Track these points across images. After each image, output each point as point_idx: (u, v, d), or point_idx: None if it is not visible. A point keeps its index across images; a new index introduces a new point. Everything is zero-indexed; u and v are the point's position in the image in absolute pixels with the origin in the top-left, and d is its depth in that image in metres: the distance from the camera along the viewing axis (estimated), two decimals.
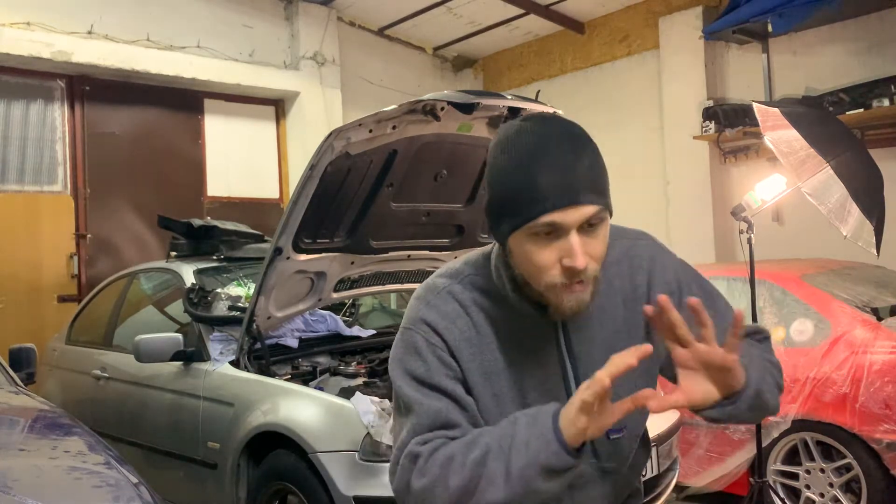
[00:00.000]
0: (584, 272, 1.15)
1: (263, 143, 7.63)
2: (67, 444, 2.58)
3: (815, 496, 3.77)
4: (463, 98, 3.15)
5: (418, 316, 1.28)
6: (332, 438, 2.95)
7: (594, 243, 1.16)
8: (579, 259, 1.13)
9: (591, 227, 1.15)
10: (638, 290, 1.32)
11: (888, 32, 5.86)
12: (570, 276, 1.15)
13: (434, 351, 1.25)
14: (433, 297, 1.29)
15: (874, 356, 3.56)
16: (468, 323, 1.27)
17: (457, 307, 1.27)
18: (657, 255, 1.36)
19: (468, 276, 1.30)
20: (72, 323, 5.13)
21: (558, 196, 1.12)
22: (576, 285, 1.16)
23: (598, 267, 1.18)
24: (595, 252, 1.17)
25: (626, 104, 7.49)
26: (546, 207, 1.13)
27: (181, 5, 6.79)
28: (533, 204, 1.13)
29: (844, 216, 3.51)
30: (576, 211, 1.13)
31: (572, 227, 1.13)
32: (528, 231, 1.15)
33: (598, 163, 1.18)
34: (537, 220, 1.13)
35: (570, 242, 1.13)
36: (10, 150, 6.16)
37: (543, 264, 1.16)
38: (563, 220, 1.13)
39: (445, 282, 1.31)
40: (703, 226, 6.72)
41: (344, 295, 3.98)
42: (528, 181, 1.14)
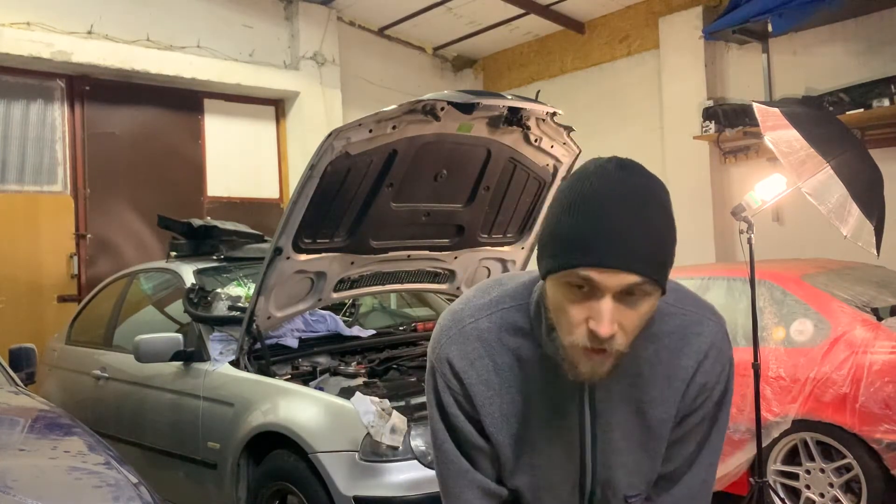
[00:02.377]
0: (609, 342, 1.07)
1: (263, 143, 7.63)
2: (67, 444, 2.58)
3: (815, 496, 3.76)
4: (463, 98, 3.15)
5: (441, 351, 1.26)
6: (332, 438, 2.95)
7: (630, 314, 1.07)
8: (605, 326, 1.05)
9: (630, 296, 1.06)
10: (682, 371, 1.23)
11: (888, 32, 5.85)
12: (592, 341, 1.07)
13: (453, 395, 1.25)
14: (457, 331, 1.25)
15: (874, 356, 3.56)
16: (488, 366, 1.23)
17: (478, 347, 1.23)
18: (716, 345, 1.25)
19: (500, 311, 1.25)
20: (72, 323, 5.13)
21: (603, 254, 1.03)
22: (596, 353, 1.09)
23: (626, 341, 1.09)
24: (628, 324, 1.08)
25: (626, 104, 7.49)
26: (587, 261, 1.04)
27: (181, 5, 6.79)
28: (575, 253, 1.05)
29: (844, 216, 3.51)
30: (616, 276, 1.04)
31: (609, 291, 1.05)
32: (563, 278, 1.08)
33: (663, 233, 1.08)
34: (575, 269, 1.05)
35: (601, 305, 1.05)
36: (10, 150, 6.16)
37: (571, 319, 1.09)
38: (600, 281, 1.04)
39: (473, 315, 1.25)
40: (703, 226, 6.72)
41: (344, 295, 3.97)
42: (579, 228, 1.05)
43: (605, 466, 1.25)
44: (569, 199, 1.08)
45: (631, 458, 1.25)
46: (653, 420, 1.23)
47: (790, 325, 3.88)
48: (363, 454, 2.86)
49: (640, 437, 1.24)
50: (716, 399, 1.26)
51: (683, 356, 1.23)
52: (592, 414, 1.23)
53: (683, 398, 1.24)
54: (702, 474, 1.29)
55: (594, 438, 1.23)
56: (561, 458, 1.25)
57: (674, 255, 1.11)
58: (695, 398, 1.25)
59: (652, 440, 1.25)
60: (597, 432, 1.23)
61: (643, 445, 1.25)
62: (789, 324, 3.89)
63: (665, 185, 1.13)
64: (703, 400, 1.25)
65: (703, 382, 1.24)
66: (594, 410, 1.23)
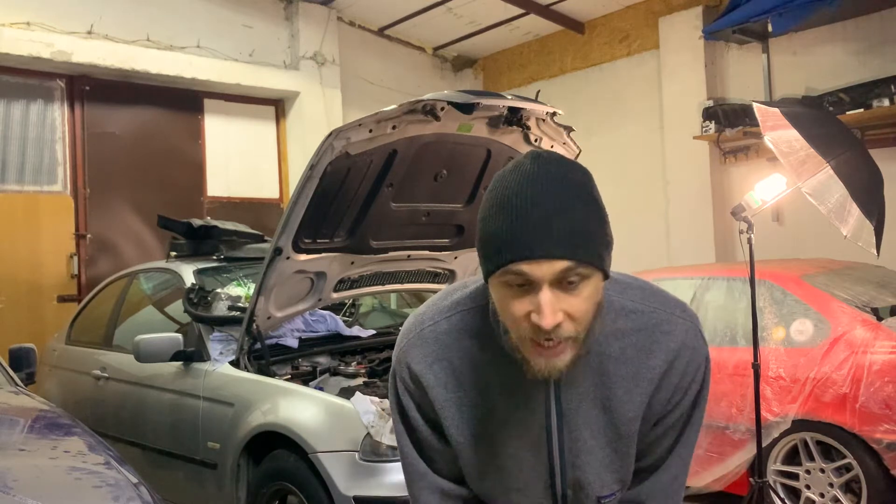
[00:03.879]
0: (556, 332, 1.06)
1: (263, 143, 7.63)
2: (67, 444, 2.58)
3: (815, 496, 3.76)
4: (463, 98, 3.15)
5: (401, 355, 1.28)
6: (332, 438, 2.95)
7: (573, 301, 1.07)
8: (546, 317, 1.04)
9: (568, 283, 1.06)
10: (650, 370, 1.21)
11: (888, 32, 5.86)
12: (539, 334, 1.07)
13: (412, 398, 1.28)
14: (416, 334, 1.26)
15: (874, 356, 3.56)
16: (447, 368, 1.24)
17: (437, 350, 1.24)
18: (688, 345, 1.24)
19: (459, 313, 1.25)
20: (72, 323, 5.13)
21: (528, 247, 1.04)
22: (546, 347, 1.08)
23: (576, 329, 1.08)
24: (575, 311, 1.07)
25: (626, 104, 7.49)
26: (515, 257, 1.05)
27: (181, 5, 6.79)
28: (504, 251, 1.06)
29: (844, 216, 3.51)
30: (545, 265, 1.04)
31: (543, 282, 1.05)
32: (500, 278, 1.09)
33: (592, 217, 1.08)
34: (507, 267, 1.06)
35: (539, 297, 1.05)
36: (10, 150, 6.16)
37: (515, 316, 1.09)
38: (532, 273, 1.05)
39: (433, 318, 1.26)
40: (703, 226, 6.72)
41: (344, 295, 3.97)
42: (503, 227, 1.07)
43: (574, 466, 1.24)
44: (491, 202, 1.10)
45: (599, 456, 1.24)
46: (620, 418, 1.23)
47: (790, 325, 3.88)
48: (363, 454, 2.86)
49: (608, 436, 1.24)
50: (692, 398, 1.25)
51: (652, 355, 1.21)
52: (559, 413, 1.21)
53: (655, 398, 1.23)
54: (673, 470, 1.29)
55: (561, 438, 1.22)
56: (529, 459, 1.25)
57: (606, 235, 1.10)
58: (668, 399, 1.23)
59: (620, 439, 1.24)
60: (563, 431, 1.22)
61: (611, 444, 1.24)
62: (789, 324, 3.89)
63: (585, 169, 1.13)
64: (678, 400, 1.24)
65: (676, 383, 1.23)
66: (560, 409, 1.21)
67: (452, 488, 1.31)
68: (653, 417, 1.25)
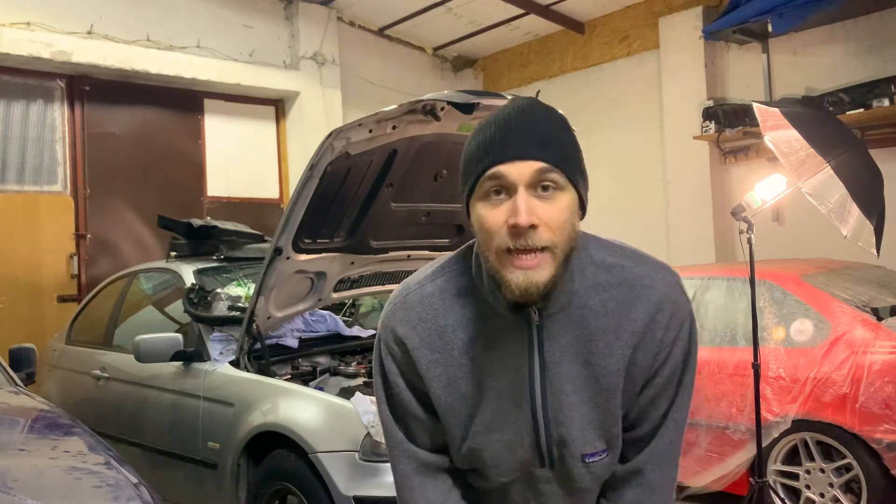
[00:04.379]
0: (531, 235, 1.11)
1: (263, 143, 7.63)
2: (67, 444, 2.58)
3: (815, 496, 3.76)
4: (463, 98, 3.15)
5: (387, 319, 1.30)
6: (332, 438, 2.95)
7: (548, 208, 1.13)
8: (522, 215, 1.10)
9: (544, 190, 1.13)
10: (631, 323, 1.23)
11: (888, 32, 5.86)
12: (516, 239, 1.11)
13: (396, 363, 1.29)
14: (401, 300, 1.30)
15: (874, 356, 3.56)
16: (431, 329, 1.26)
17: (421, 311, 1.27)
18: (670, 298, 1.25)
19: (444, 275, 1.29)
20: (72, 323, 5.13)
21: (504, 149, 1.13)
22: (523, 257, 1.12)
23: (552, 238, 1.12)
24: (549, 218, 1.12)
25: (626, 104, 7.49)
26: (492, 161, 1.13)
27: (181, 5, 6.79)
28: (483, 160, 1.15)
29: (844, 216, 3.51)
30: (521, 164, 1.12)
31: (519, 183, 1.12)
32: (480, 193, 1.16)
33: (561, 134, 1.17)
34: (486, 173, 1.14)
35: (516, 199, 1.11)
36: (9, 150, 6.15)
37: (493, 226, 1.14)
38: (508, 173, 1.12)
39: (416, 284, 1.30)
40: (703, 226, 6.72)
41: (344, 295, 3.98)
42: (482, 142, 1.16)
43: (558, 422, 1.24)
44: (476, 128, 1.21)
45: (582, 411, 1.24)
46: (601, 372, 1.23)
47: (790, 325, 3.88)
48: (363, 454, 2.86)
49: (590, 391, 1.24)
50: (679, 357, 1.26)
51: (633, 308, 1.23)
52: (541, 366, 1.23)
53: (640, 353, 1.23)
54: (668, 436, 1.29)
55: (544, 391, 1.23)
56: (513, 414, 1.25)
57: (579, 160, 1.19)
58: (655, 355, 1.24)
59: (601, 393, 1.24)
60: (546, 385, 1.23)
61: (593, 399, 1.24)
62: (789, 324, 3.89)
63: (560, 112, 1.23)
64: (664, 357, 1.25)
65: (661, 337, 1.24)
66: (543, 362, 1.23)
67: (430, 458, 1.32)
68: (640, 377, 1.25)
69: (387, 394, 1.31)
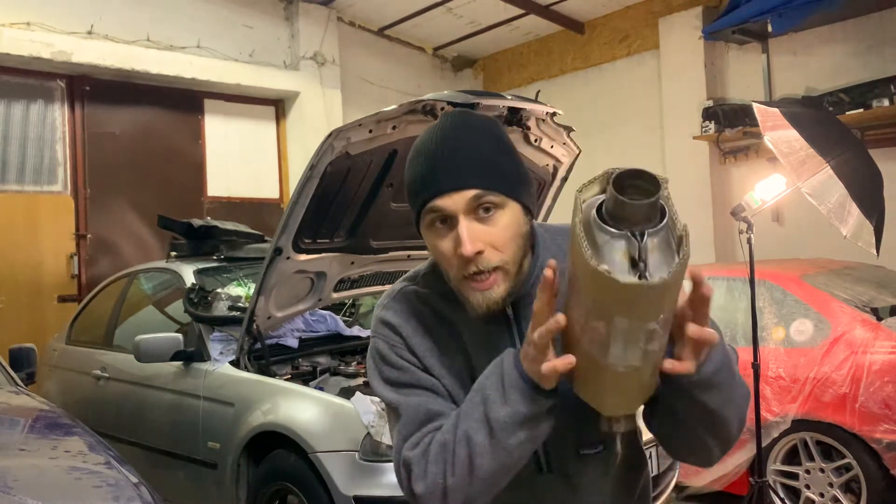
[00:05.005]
0: (480, 261, 1.13)
1: (263, 143, 7.63)
2: (67, 444, 2.59)
3: (815, 496, 3.77)
4: (463, 98, 3.15)
5: (379, 320, 1.30)
6: (332, 438, 2.96)
7: (492, 231, 1.14)
8: (465, 246, 1.11)
9: (485, 213, 1.14)
10: None
11: (888, 32, 5.86)
12: (465, 267, 1.14)
13: (396, 351, 1.26)
14: (389, 300, 1.31)
15: (874, 356, 3.56)
16: (420, 321, 1.27)
17: (408, 306, 1.28)
18: None
19: (424, 276, 1.31)
20: (72, 323, 5.13)
21: (436, 183, 1.14)
22: (477, 280, 1.14)
23: (502, 257, 1.14)
24: (494, 240, 1.14)
25: (626, 104, 7.49)
26: (429, 194, 1.14)
27: (181, 5, 6.79)
28: (421, 193, 1.16)
29: (844, 216, 3.52)
30: (456, 196, 1.13)
31: (458, 213, 1.13)
32: (425, 223, 1.18)
33: (497, 151, 1.17)
34: (424, 207, 1.16)
35: (458, 229, 1.13)
36: (10, 150, 6.15)
37: (445, 255, 1.16)
38: (445, 206, 1.13)
39: (402, 284, 1.32)
40: (703, 226, 6.72)
41: (344, 295, 3.98)
42: (417, 173, 1.17)
43: None
44: (409, 158, 1.21)
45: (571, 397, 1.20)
46: None
47: (790, 325, 3.89)
48: (363, 454, 2.86)
49: None
50: None
51: None
52: None
53: None
54: None
55: None
56: None
57: (517, 169, 1.19)
58: None
59: None
60: None
61: None
62: (789, 324, 3.89)
63: (493, 120, 1.24)
64: None
65: None
66: None
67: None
68: None
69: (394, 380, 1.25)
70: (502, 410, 1.09)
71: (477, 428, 1.11)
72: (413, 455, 1.17)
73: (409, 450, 1.18)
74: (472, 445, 1.11)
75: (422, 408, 1.21)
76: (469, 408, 1.14)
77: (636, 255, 0.92)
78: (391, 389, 1.26)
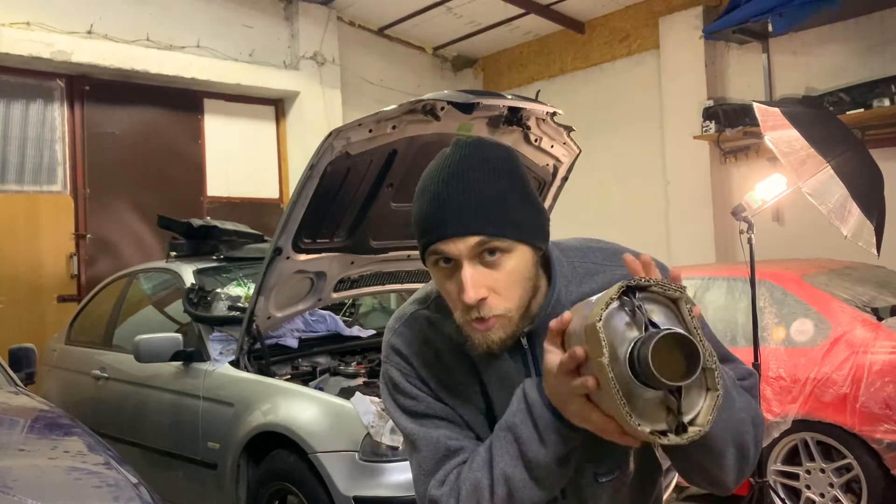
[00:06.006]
0: (483, 308, 1.10)
1: (263, 143, 7.63)
2: (67, 444, 2.58)
3: (816, 496, 3.76)
4: (463, 98, 3.14)
5: (389, 346, 1.29)
6: (332, 438, 2.95)
7: (496, 276, 1.11)
8: (468, 293, 1.09)
9: (490, 256, 1.11)
10: None
11: (888, 32, 5.85)
12: (468, 312, 1.12)
13: (409, 379, 1.25)
14: (400, 325, 1.29)
15: (874, 356, 3.56)
16: (430, 351, 1.25)
17: (420, 334, 1.26)
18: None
19: (434, 300, 1.28)
20: (71, 323, 5.13)
21: (442, 227, 1.11)
22: (477, 322, 1.12)
23: (506, 305, 1.12)
24: (500, 286, 1.11)
25: (626, 104, 7.49)
26: (433, 238, 1.12)
27: (181, 5, 6.78)
28: (426, 234, 1.13)
29: (845, 216, 3.51)
30: (459, 242, 1.10)
31: (463, 258, 1.10)
32: (430, 261, 1.15)
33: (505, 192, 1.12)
34: (428, 249, 1.13)
35: (461, 274, 1.10)
36: (9, 150, 6.15)
37: (451, 296, 1.14)
38: (449, 251, 1.11)
39: (412, 308, 1.30)
40: (703, 226, 6.72)
41: (344, 295, 3.97)
42: (424, 212, 1.14)
43: None
44: (418, 189, 1.17)
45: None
46: None
47: (790, 325, 3.88)
48: (363, 454, 2.86)
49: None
50: None
51: None
52: None
53: None
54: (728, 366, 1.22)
55: None
56: None
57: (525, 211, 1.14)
58: None
59: None
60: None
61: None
62: (789, 324, 3.89)
63: (508, 149, 1.19)
64: None
65: None
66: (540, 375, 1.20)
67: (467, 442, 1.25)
68: None
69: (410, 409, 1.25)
70: (541, 451, 1.09)
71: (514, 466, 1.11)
72: (441, 494, 1.17)
73: (436, 488, 1.18)
74: (511, 484, 1.11)
75: (441, 444, 1.21)
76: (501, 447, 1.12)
77: (673, 408, 0.95)
78: (407, 419, 1.25)
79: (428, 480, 1.21)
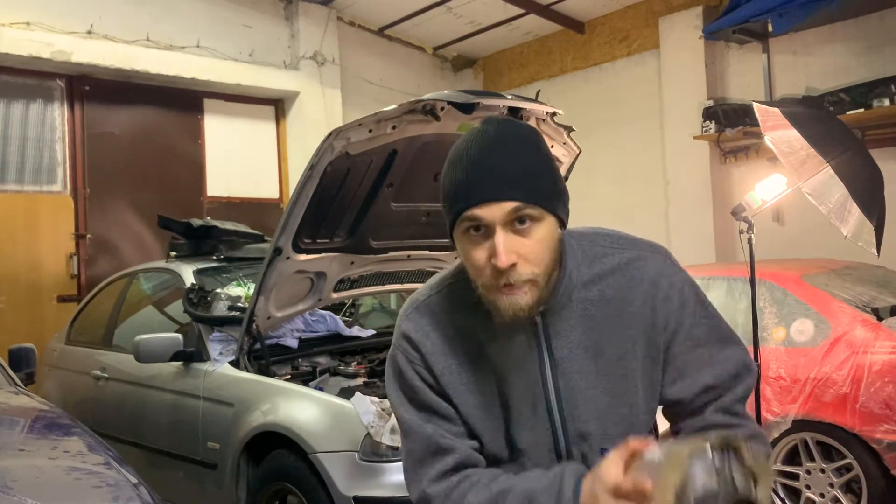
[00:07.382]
0: (512, 273, 1.14)
1: (263, 143, 7.63)
2: (67, 444, 2.58)
3: (816, 496, 3.76)
4: (463, 98, 3.14)
5: (400, 331, 1.31)
6: (332, 438, 2.95)
7: (527, 243, 1.15)
8: (501, 257, 1.12)
9: (521, 224, 1.15)
10: (633, 304, 1.26)
11: (888, 32, 5.85)
12: (497, 277, 1.15)
13: (414, 367, 1.28)
14: (412, 310, 1.32)
15: (874, 356, 3.56)
16: (441, 335, 1.28)
17: (431, 320, 1.29)
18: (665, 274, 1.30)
19: (448, 285, 1.31)
20: (71, 323, 5.13)
21: (476, 192, 1.14)
22: (506, 288, 1.15)
23: (534, 270, 1.16)
24: (528, 253, 1.15)
25: (626, 104, 7.49)
26: (467, 203, 1.15)
27: (181, 5, 6.78)
28: (459, 200, 1.16)
29: (845, 216, 3.51)
30: (495, 207, 1.13)
31: (496, 224, 1.14)
32: (460, 230, 1.18)
33: (538, 164, 1.18)
34: (462, 215, 1.16)
35: (495, 240, 1.14)
36: (9, 150, 6.15)
37: (477, 264, 1.17)
38: (484, 216, 1.14)
39: (425, 294, 1.33)
40: (703, 226, 6.72)
41: (344, 295, 3.97)
42: (456, 179, 1.17)
43: (574, 418, 1.25)
44: (449, 160, 1.21)
45: (598, 405, 1.25)
46: (611, 359, 1.25)
47: (790, 325, 3.88)
48: (363, 454, 2.86)
49: (606, 382, 1.25)
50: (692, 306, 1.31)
51: (631, 290, 1.27)
52: (552, 364, 1.24)
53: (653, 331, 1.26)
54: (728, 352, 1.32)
55: (557, 388, 1.24)
56: (531, 418, 1.26)
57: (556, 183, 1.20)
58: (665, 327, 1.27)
59: (618, 383, 1.25)
60: (559, 382, 1.24)
61: (611, 390, 1.26)
62: (789, 324, 3.89)
63: (534, 129, 1.25)
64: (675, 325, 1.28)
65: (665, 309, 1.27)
66: (553, 361, 1.24)
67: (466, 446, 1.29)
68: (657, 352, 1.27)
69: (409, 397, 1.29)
70: None
71: None
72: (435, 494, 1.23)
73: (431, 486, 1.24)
74: None
75: (432, 440, 1.25)
76: None
77: None
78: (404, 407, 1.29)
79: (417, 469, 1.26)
